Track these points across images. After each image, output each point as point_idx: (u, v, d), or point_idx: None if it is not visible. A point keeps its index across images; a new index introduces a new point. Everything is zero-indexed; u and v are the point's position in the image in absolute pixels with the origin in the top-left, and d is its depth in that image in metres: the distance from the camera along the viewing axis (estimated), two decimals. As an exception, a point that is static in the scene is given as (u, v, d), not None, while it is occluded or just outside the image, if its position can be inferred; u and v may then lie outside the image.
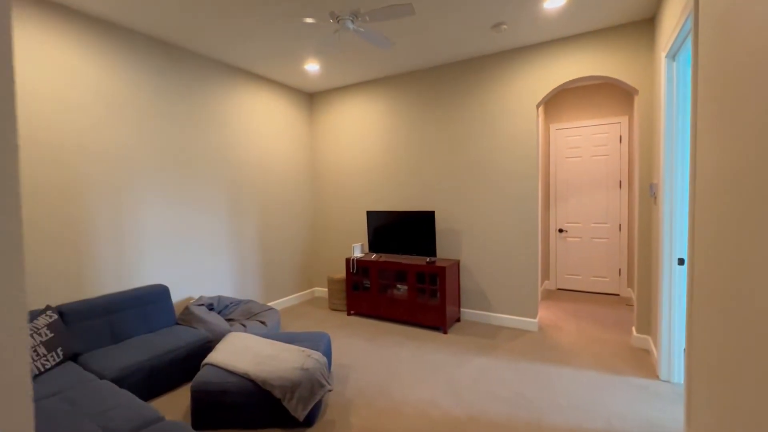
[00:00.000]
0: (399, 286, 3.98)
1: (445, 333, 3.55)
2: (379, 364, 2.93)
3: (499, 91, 3.65)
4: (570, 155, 4.94)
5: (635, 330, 3.19)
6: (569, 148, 4.94)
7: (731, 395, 1.25)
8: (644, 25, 3.04)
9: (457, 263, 3.86)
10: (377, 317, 4.06)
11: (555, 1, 2.73)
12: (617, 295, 4.74)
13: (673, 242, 2.51)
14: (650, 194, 2.95)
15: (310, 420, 2.15)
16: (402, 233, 3.96)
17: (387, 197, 4.38)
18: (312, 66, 3.88)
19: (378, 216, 4.10)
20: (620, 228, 4.69)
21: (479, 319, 3.87)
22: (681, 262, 2.50)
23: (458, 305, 3.89)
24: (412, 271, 3.71)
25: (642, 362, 2.86)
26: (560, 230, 5.05)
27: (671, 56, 2.47)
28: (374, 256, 4.14)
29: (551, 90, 3.42)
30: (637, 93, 3.11)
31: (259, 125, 4.19)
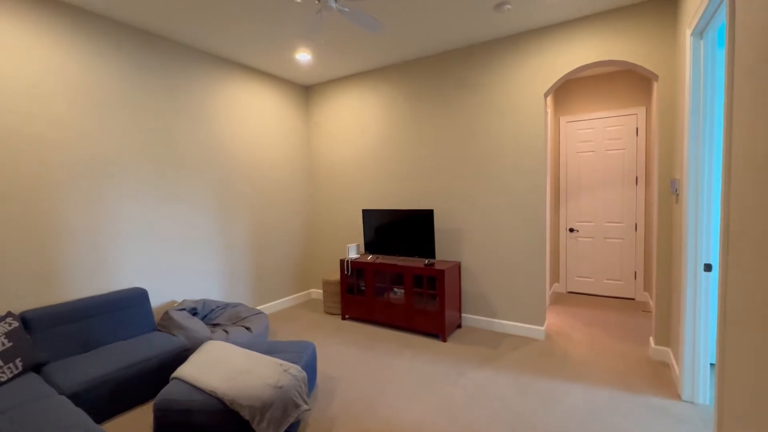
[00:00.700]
0: (396, 290, 3.74)
1: (444, 341, 3.30)
2: (370, 377, 2.70)
3: (504, 80, 3.37)
4: (582, 150, 4.62)
5: (653, 341, 2.89)
6: (581, 142, 4.62)
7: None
8: (665, 1, 2.73)
9: (458, 265, 3.60)
10: (372, 322, 3.82)
11: (564, -24, 2.44)
12: (632, 300, 4.41)
13: (699, 246, 2.21)
14: (672, 191, 2.65)
15: (285, 443, 1.93)
16: (399, 233, 3.71)
17: (385, 195, 4.13)
18: (303, 55, 3.65)
19: (374, 215, 3.86)
20: (636, 228, 4.36)
21: (481, 326, 3.61)
22: (708, 268, 2.20)
23: (459, 310, 3.63)
24: (410, 274, 3.46)
25: (661, 378, 2.57)
26: (571, 229, 4.73)
27: (698, 34, 2.17)
28: (370, 258, 3.90)
29: (560, 77, 3.12)
30: (657, 79, 2.80)
31: (251, 119, 3.98)
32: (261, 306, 4.12)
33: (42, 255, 2.51)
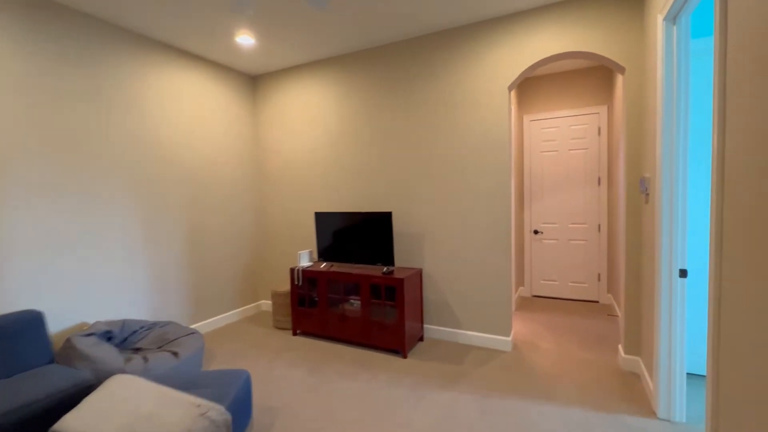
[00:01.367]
0: (352, 301, 3.39)
1: (405, 357, 2.99)
2: (318, 406, 2.33)
3: (466, 72, 3.12)
4: (546, 149, 4.49)
5: (623, 350, 2.73)
6: (545, 141, 4.49)
7: None
8: (632, -9, 2.57)
9: (419, 272, 3.30)
10: (326, 337, 3.45)
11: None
12: (597, 303, 4.32)
13: (674, 250, 2.03)
14: (641, 191, 2.48)
15: None
16: (355, 238, 3.36)
17: (341, 196, 3.78)
18: (245, 38, 3.22)
19: (328, 218, 3.49)
20: (599, 229, 4.27)
21: (445, 337, 3.33)
22: (683, 274, 2.02)
23: (421, 321, 3.33)
24: (366, 283, 3.12)
25: (634, 392, 2.39)
26: (535, 231, 4.59)
27: (671, 19, 1.99)
28: (324, 266, 3.53)
29: (525, 69, 2.91)
30: (624, 72, 2.64)
31: (191, 110, 3.49)
32: (199, 323, 3.63)
33: None
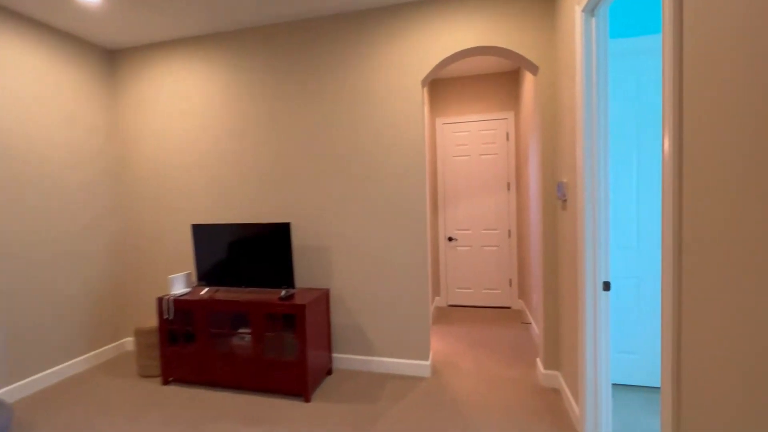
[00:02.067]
0: (243, 335, 2.74)
1: (308, 400, 2.45)
2: (180, 498, 1.67)
3: (376, 61, 2.73)
4: (458, 153, 4.36)
5: (542, 365, 2.58)
6: (457, 146, 4.36)
7: None
8: (543, -13, 2.45)
9: (326, 293, 2.80)
10: (208, 384, 2.72)
11: None
12: (509, 308, 4.30)
13: (598, 262, 1.87)
14: (558, 196, 2.35)
15: None
16: (245, 256, 2.72)
17: (228, 205, 3.09)
18: (82, -8, 2.38)
19: (209, 232, 2.79)
20: (510, 234, 4.27)
21: (357, 366, 2.88)
22: (607, 287, 1.88)
23: (329, 350, 2.83)
24: (259, 313, 2.51)
25: (556, 412, 2.21)
26: (450, 239, 4.43)
27: (589, 10, 1.84)
28: (205, 291, 2.81)
29: (439, 62, 2.63)
30: (537, 72, 2.51)
31: (15, 88, 2.48)
32: (22, 381, 2.60)
33: None
